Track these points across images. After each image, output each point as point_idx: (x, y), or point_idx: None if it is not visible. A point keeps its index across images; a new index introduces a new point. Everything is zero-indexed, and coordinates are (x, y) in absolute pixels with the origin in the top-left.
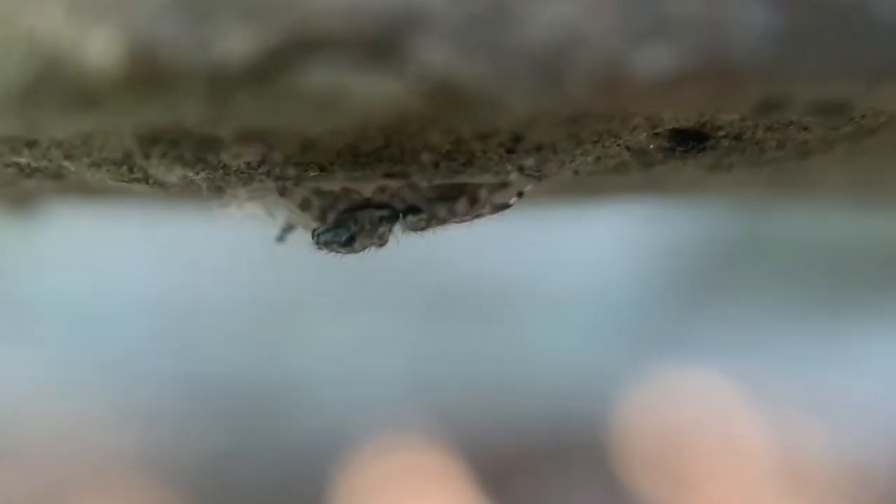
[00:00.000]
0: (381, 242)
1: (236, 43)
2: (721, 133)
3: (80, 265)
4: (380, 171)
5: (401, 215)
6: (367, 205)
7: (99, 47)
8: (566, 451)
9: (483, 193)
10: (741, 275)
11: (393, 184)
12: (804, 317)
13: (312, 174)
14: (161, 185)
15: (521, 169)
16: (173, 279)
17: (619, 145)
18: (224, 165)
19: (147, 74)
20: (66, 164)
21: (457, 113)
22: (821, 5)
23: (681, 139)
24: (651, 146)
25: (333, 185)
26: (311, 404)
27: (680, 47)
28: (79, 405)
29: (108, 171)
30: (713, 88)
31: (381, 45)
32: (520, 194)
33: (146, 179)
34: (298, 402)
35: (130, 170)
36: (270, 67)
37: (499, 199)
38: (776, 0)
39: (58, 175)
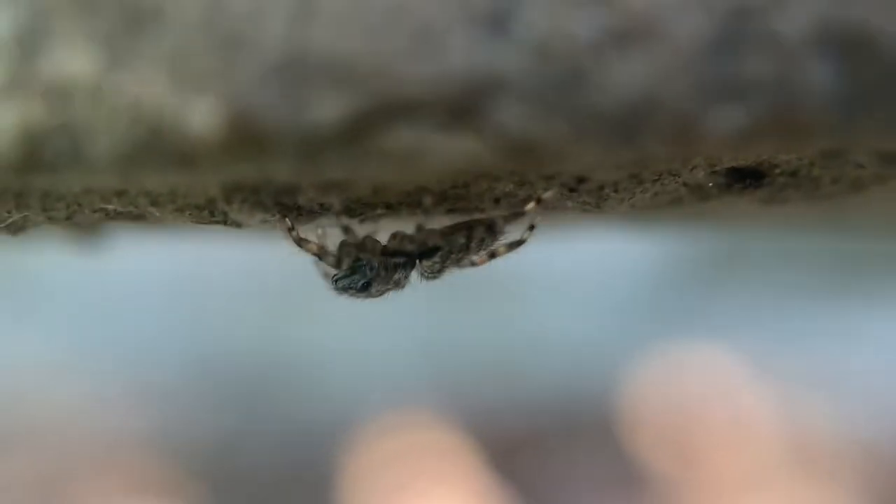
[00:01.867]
0: (397, 287)
1: (328, 108)
2: (777, 171)
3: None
4: (443, 208)
5: (416, 261)
6: (381, 251)
7: (200, 116)
8: (574, 429)
9: (489, 234)
10: (748, 253)
11: (408, 228)
12: (810, 294)
13: (380, 212)
14: (238, 226)
15: (580, 204)
16: (182, 260)
17: (677, 182)
18: (298, 207)
19: (245, 140)
20: (151, 209)
21: (532, 165)
22: (885, 67)
23: (738, 177)
24: (709, 183)
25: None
26: (320, 383)
27: (752, 107)
28: (88, 386)
29: (189, 214)
30: (782, 142)
31: (462, 108)
32: (531, 228)
33: (224, 221)
34: (308, 382)
35: (212, 213)
36: (359, 130)
37: (512, 237)
38: (842, 63)
39: (139, 217)
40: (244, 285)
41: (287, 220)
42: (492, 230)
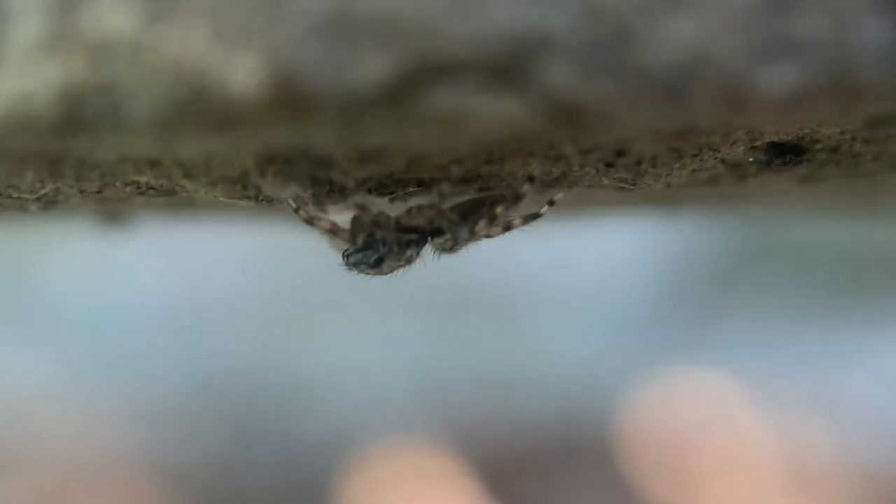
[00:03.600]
0: (408, 264)
1: (372, 68)
2: (818, 146)
3: (88, 266)
4: (475, 185)
5: (428, 238)
6: (394, 228)
7: (243, 74)
8: (572, 453)
9: (500, 210)
10: (747, 277)
11: (421, 205)
12: (809, 319)
13: (411, 189)
14: (270, 201)
15: (616, 181)
16: (181, 280)
17: (715, 158)
18: (331, 182)
19: (288, 99)
20: (184, 182)
21: (576, 130)
22: None
23: (778, 152)
24: (749, 159)
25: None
26: (317, 405)
27: (804, 66)
28: (86, 406)
29: (222, 188)
30: (834, 105)
31: (506, 68)
32: (551, 203)
33: (256, 196)
34: (305, 404)
35: (244, 187)
36: (401, 90)
37: (529, 209)
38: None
39: (170, 192)
40: (242, 307)
41: (313, 195)
42: (494, 215)
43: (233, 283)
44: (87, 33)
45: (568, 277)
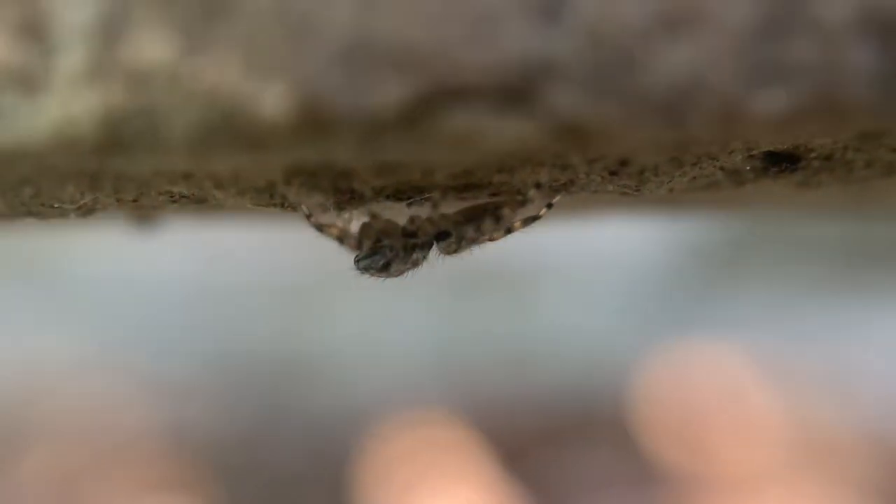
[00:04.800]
0: (415, 266)
1: (390, 93)
2: (812, 155)
3: (112, 244)
4: (486, 192)
5: (434, 241)
6: (400, 233)
7: (272, 100)
8: (586, 425)
9: (506, 212)
10: (757, 251)
11: (428, 212)
12: (818, 291)
13: (427, 195)
14: (294, 208)
15: (620, 187)
16: (202, 258)
17: (714, 166)
18: (352, 191)
19: (312, 123)
20: (215, 192)
21: (581, 147)
22: None
23: (774, 161)
24: (746, 167)
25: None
26: (335, 380)
27: (795, 90)
28: (106, 382)
29: (250, 197)
30: (824, 124)
31: (516, 92)
32: (549, 206)
33: (282, 204)
34: (324, 379)
35: (271, 196)
36: (418, 113)
37: (529, 212)
38: (884, 46)
39: (201, 201)
40: (260, 284)
41: (335, 202)
42: (498, 218)
43: (253, 262)
44: (128, 63)
45: (581, 253)
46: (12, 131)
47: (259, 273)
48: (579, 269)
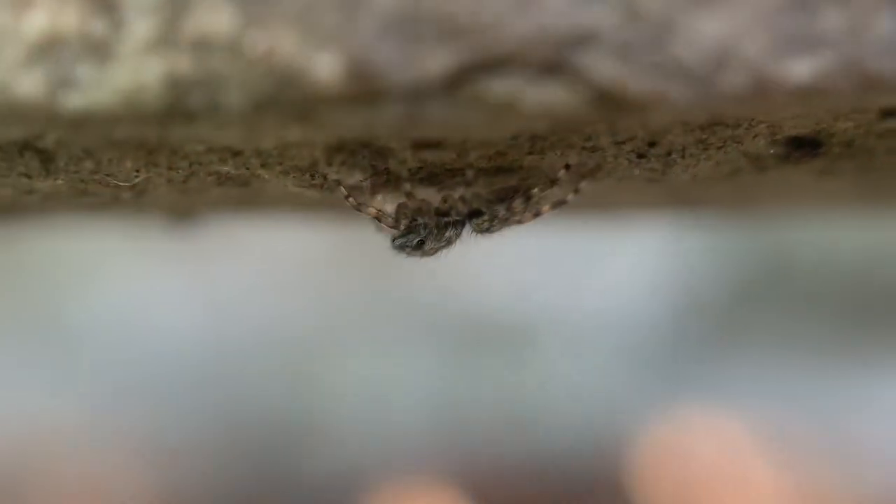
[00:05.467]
0: (449, 244)
1: (435, 61)
2: (834, 140)
3: (112, 301)
4: (517, 177)
5: (466, 219)
6: (433, 212)
7: (324, 66)
8: (584, 492)
9: (536, 192)
10: (759, 315)
11: (462, 192)
12: (820, 356)
13: (459, 179)
14: (332, 189)
15: (647, 171)
16: (203, 317)
17: (739, 151)
18: (388, 171)
19: (362, 88)
20: (260, 171)
21: (617, 117)
22: None
23: (797, 145)
24: (769, 152)
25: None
26: (333, 441)
27: (824, 58)
28: (103, 442)
29: (293, 177)
30: (850, 94)
31: (555, 62)
32: (576, 191)
33: (322, 185)
34: (321, 439)
35: (312, 176)
36: (461, 81)
37: (557, 196)
38: None
39: (246, 183)
40: (258, 342)
41: (371, 185)
42: (528, 197)
43: (250, 320)
44: (191, 34)
45: (580, 314)
46: (86, 98)
47: (258, 329)
48: (578, 326)
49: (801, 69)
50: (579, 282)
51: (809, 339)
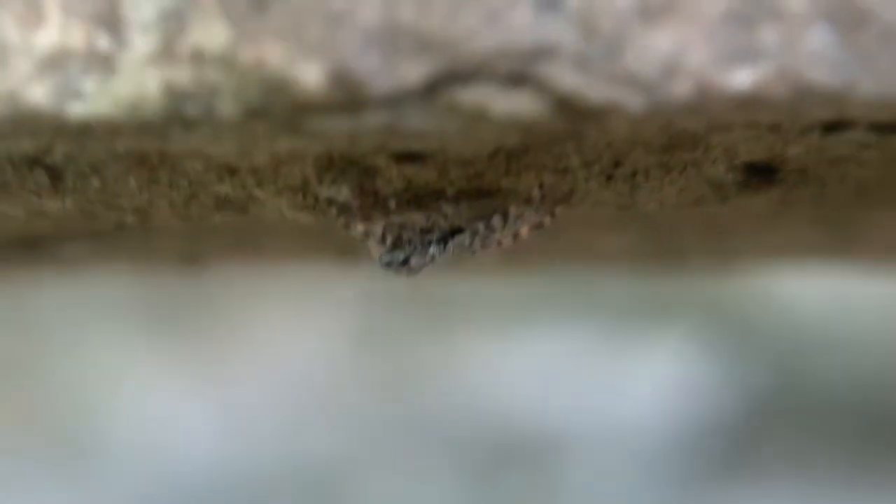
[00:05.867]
0: (433, 262)
1: (412, 71)
2: (788, 167)
3: (128, 422)
4: (496, 200)
5: (449, 236)
6: (418, 229)
7: (310, 76)
8: None
9: (512, 210)
10: (779, 425)
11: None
12: (834, 486)
13: (441, 201)
14: (324, 211)
15: (616, 196)
16: (223, 440)
17: (699, 176)
18: (376, 192)
19: (345, 95)
20: (256, 191)
21: (577, 124)
22: (880, 35)
23: (754, 172)
24: (728, 178)
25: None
26: None
27: (762, 69)
28: None
29: (287, 198)
30: (787, 103)
31: (520, 72)
32: (552, 214)
33: (314, 206)
34: None
35: (304, 196)
36: (435, 89)
37: (534, 218)
38: (840, 30)
39: (243, 208)
40: (277, 467)
41: (360, 208)
42: (506, 215)
43: (267, 438)
44: (188, 49)
45: (599, 427)
46: (91, 108)
47: (276, 457)
48: (596, 447)
49: (741, 78)
50: (600, 398)
51: (821, 466)
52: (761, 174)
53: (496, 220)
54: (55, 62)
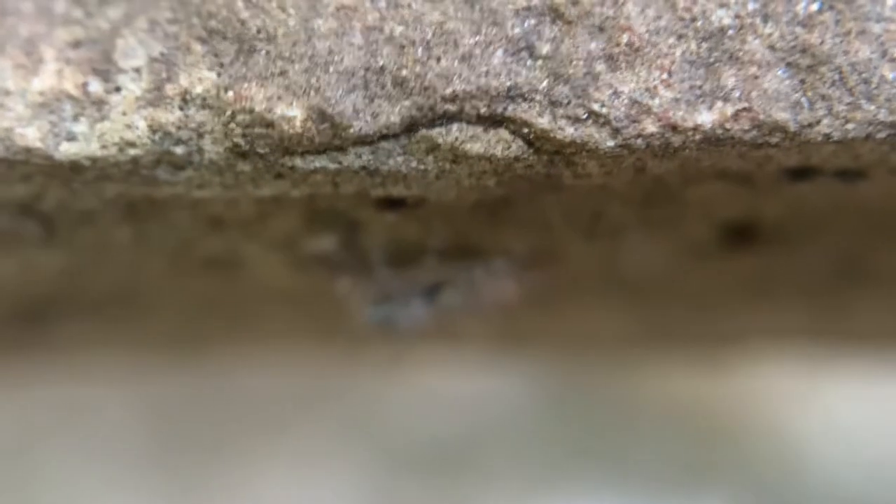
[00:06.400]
0: (418, 321)
1: (392, 113)
2: (766, 226)
3: None
4: (482, 256)
5: (433, 293)
6: (403, 288)
7: (292, 115)
8: None
9: (496, 264)
10: None
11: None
12: None
13: (425, 259)
14: (314, 268)
15: (599, 257)
16: None
17: (681, 239)
18: (362, 246)
19: (326, 134)
20: (244, 245)
21: (549, 163)
22: (838, 79)
23: (732, 230)
24: (709, 239)
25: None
26: None
27: (724, 110)
28: None
29: (276, 254)
30: (749, 141)
31: (494, 114)
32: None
33: (301, 265)
34: None
35: (291, 251)
36: (414, 128)
37: (518, 276)
38: (796, 73)
39: (231, 272)
40: None
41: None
42: (489, 268)
43: None
44: (176, 93)
45: None
46: (82, 150)
47: None
48: None
49: (704, 118)
50: None
51: None
52: (741, 234)
53: (479, 274)
54: (49, 105)
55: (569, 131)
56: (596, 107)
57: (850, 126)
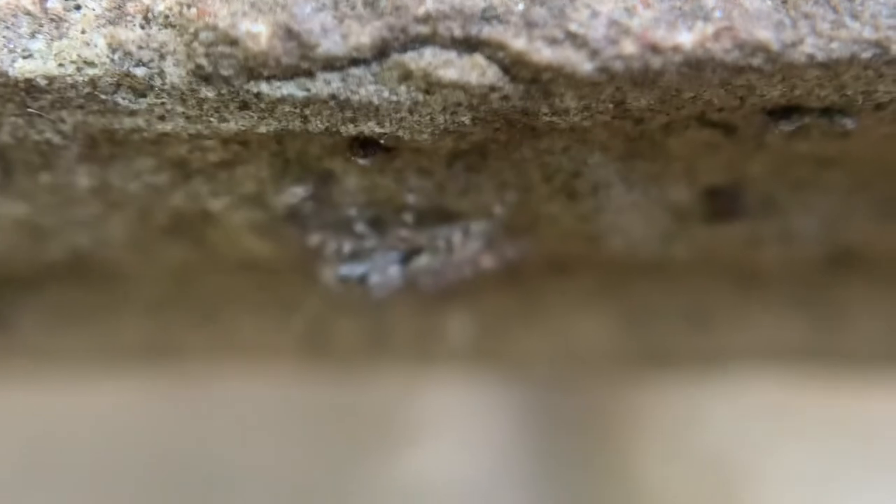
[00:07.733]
0: (393, 284)
1: (363, 35)
2: (751, 190)
3: None
4: (461, 219)
5: (410, 256)
6: (379, 246)
7: (259, 31)
8: None
9: (474, 227)
10: None
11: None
12: None
13: (404, 218)
14: (285, 226)
15: (581, 219)
16: None
17: (663, 201)
18: (335, 202)
19: (293, 54)
20: (211, 201)
21: (526, 92)
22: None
23: (715, 194)
24: (691, 202)
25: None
26: None
27: (704, 29)
28: None
29: (244, 210)
30: (729, 62)
31: (468, 37)
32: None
33: (271, 226)
34: None
35: (260, 207)
36: (386, 51)
37: (498, 253)
38: None
39: (198, 233)
40: None
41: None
42: (467, 232)
43: None
44: (139, 10)
45: None
46: (41, 69)
47: None
48: None
49: (684, 38)
50: None
51: None
52: (723, 197)
53: (457, 237)
54: (5, 21)
55: (545, 53)
56: (573, 27)
57: (834, 45)
